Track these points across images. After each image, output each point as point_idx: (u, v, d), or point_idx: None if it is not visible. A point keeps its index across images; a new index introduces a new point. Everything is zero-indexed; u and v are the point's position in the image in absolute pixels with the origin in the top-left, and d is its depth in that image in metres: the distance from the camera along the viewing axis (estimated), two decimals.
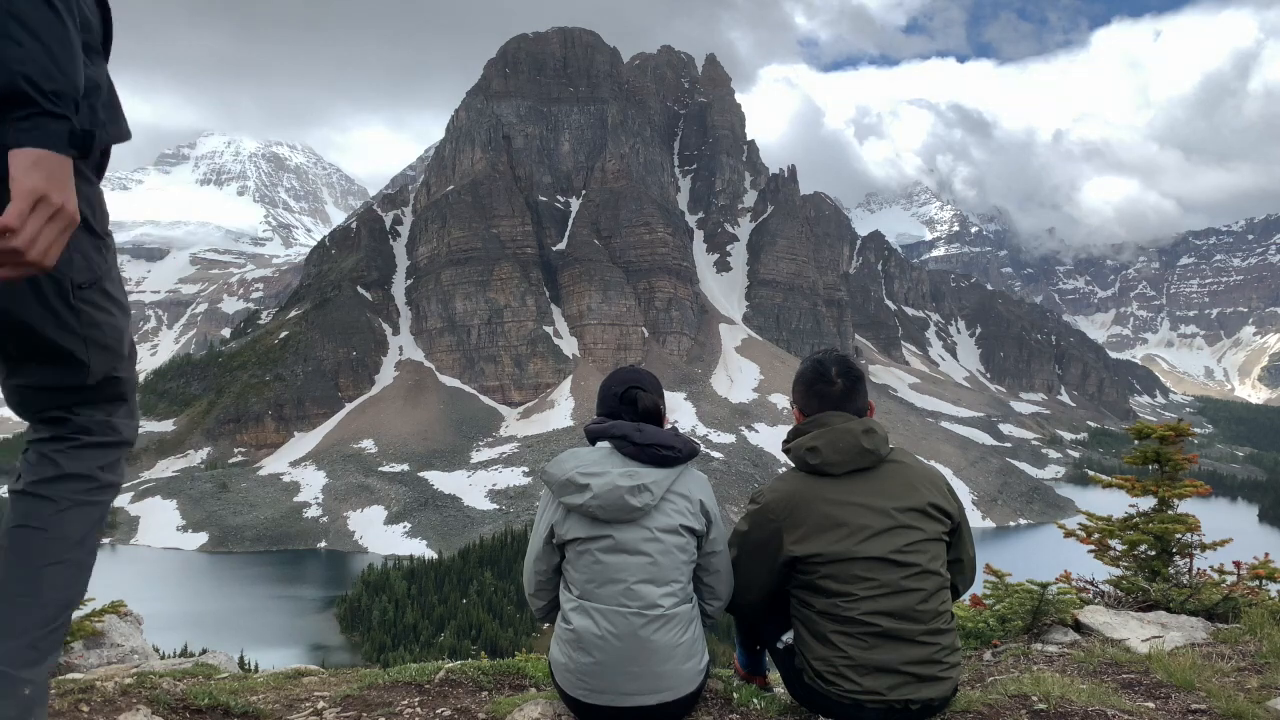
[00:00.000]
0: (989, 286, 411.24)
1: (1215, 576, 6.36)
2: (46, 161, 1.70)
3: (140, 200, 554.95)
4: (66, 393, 2.22)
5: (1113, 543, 6.84)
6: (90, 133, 1.85)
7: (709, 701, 4.00)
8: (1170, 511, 6.73)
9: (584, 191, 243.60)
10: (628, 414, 3.88)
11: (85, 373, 2.21)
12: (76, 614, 6.61)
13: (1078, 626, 5.48)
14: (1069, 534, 7.19)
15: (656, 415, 3.91)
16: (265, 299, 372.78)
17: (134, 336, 2.44)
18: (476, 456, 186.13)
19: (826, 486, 3.73)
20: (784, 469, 4.08)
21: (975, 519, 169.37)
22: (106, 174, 2.26)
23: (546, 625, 3.97)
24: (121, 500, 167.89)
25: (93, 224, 2.15)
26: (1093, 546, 6.94)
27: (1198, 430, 57.78)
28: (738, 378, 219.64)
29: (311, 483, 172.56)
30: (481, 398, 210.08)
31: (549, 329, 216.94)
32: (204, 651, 8.20)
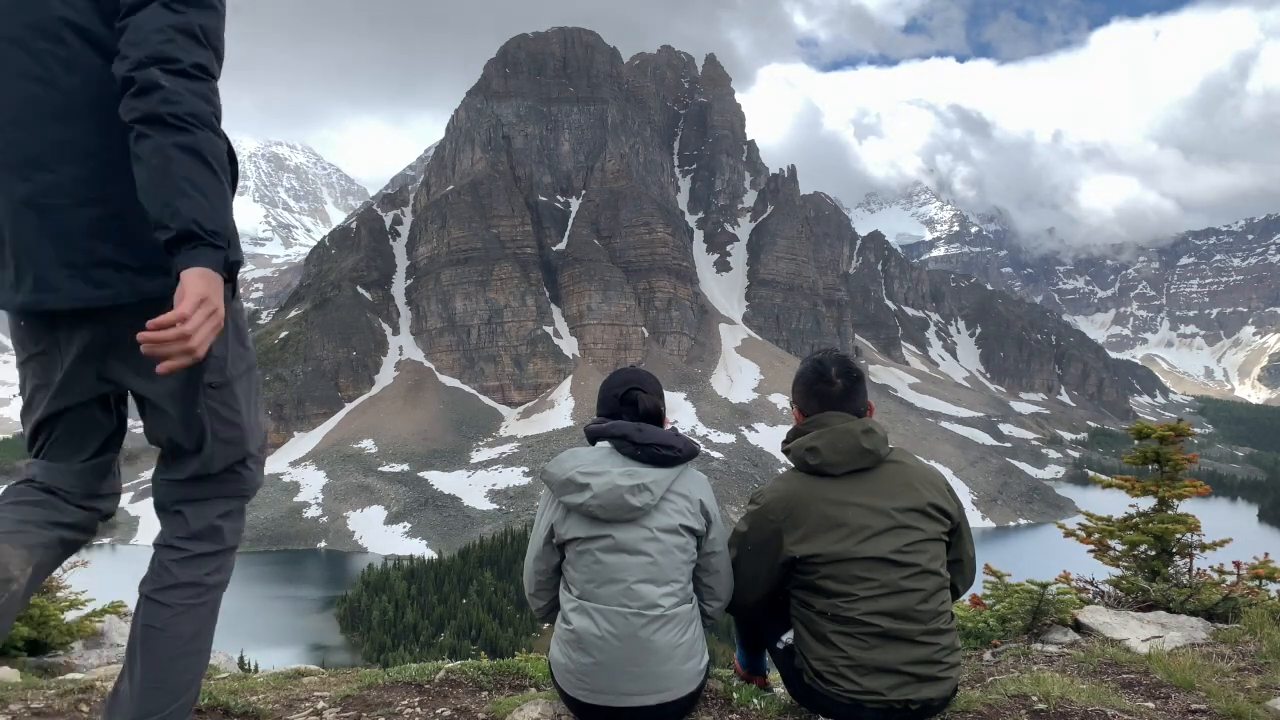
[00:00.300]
0: (989, 286, 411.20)
1: (1215, 576, 6.35)
2: (208, 275, 2.20)
3: None
4: (195, 483, 2.68)
5: (1113, 543, 6.84)
6: (239, 261, 2.34)
7: (709, 701, 4.00)
8: (1170, 511, 6.73)
9: (584, 191, 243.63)
10: (628, 415, 3.88)
11: (209, 462, 2.66)
12: (75, 614, 6.64)
13: (1078, 626, 5.48)
14: (1069, 534, 7.19)
15: (657, 416, 3.91)
16: (265, 299, 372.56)
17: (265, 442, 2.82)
18: (476, 456, 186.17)
19: (826, 487, 3.73)
20: (784, 469, 4.08)
21: (975, 519, 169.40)
22: None
23: (546, 625, 3.97)
24: (121, 500, 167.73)
25: (242, 335, 2.65)
26: (1093, 546, 6.94)
27: (1198, 430, 57.71)
28: (738, 378, 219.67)
29: (311, 483, 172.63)
30: (481, 398, 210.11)
31: (549, 329, 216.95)
32: None
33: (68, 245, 2.34)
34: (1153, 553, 6.63)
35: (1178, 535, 6.57)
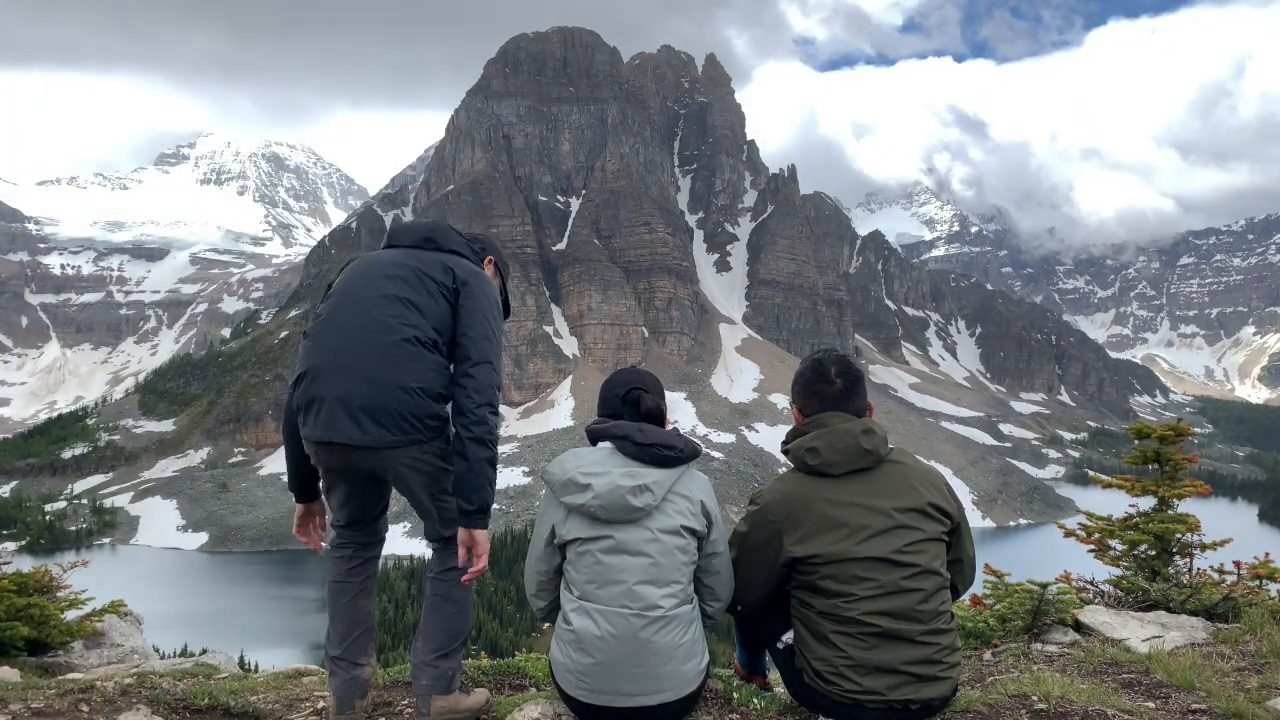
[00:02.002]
0: (989, 286, 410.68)
1: (1215, 576, 6.34)
2: (483, 534, 3.70)
3: (140, 200, 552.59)
4: (445, 537, 4.01)
5: (1113, 543, 6.83)
6: (490, 511, 3.74)
7: (709, 701, 4.01)
8: (1170, 511, 6.72)
9: (584, 191, 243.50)
10: (630, 415, 3.89)
11: (448, 528, 3.96)
12: (75, 614, 6.65)
13: (1078, 626, 5.48)
14: (1069, 534, 7.18)
15: (659, 416, 3.91)
16: (265, 299, 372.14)
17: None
18: None
19: (826, 487, 3.73)
20: (784, 469, 4.08)
21: (975, 519, 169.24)
22: (107, 174, 3.87)
23: (547, 625, 3.98)
24: (121, 500, 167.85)
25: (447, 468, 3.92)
26: (1093, 546, 6.93)
27: (1198, 430, 57.61)
28: (738, 378, 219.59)
29: None
30: None
31: (549, 329, 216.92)
32: (204, 651, 8.20)
33: (390, 421, 3.70)
34: (1153, 552, 6.62)
35: (1178, 535, 6.56)
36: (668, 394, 4.18)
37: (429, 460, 3.78)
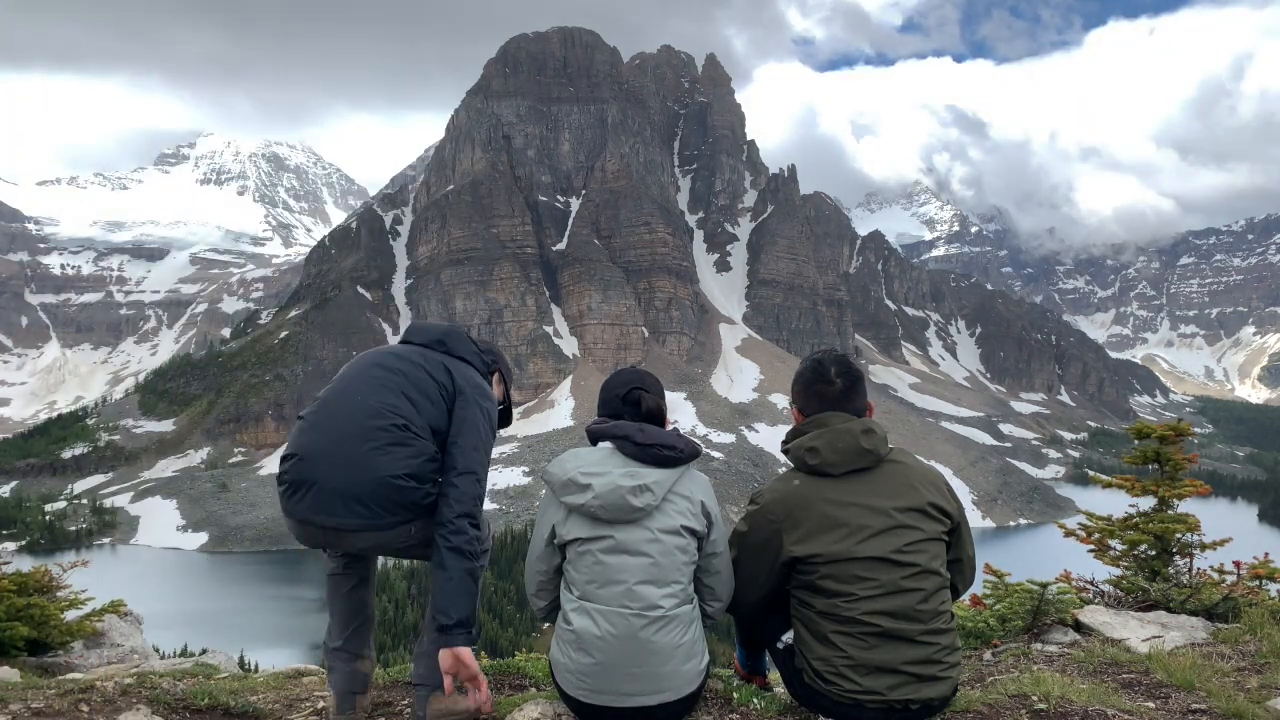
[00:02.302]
0: (989, 286, 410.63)
1: (1215, 576, 6.34)
2: (467, 651, 3.66)
3: (140, 200, 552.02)
4: None
5: (1113, 543, 6.83)
6: (473, 627, 3.72)
7: (709, 701, 4.01)
8: (1170, 511, 6.72)
9: (584, 191, 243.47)
10: (630, 415, 3.89)
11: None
12: (75, 613, 6.66)
13: (1078, 626, 5.48)
14: (1069, 534, 7.18)
15: (659, 416, 3.92)
16: (265, 299, 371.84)
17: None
18: None
19: (826, 487, 3.73)
20: (784, 469, 4.08)
21: (975, 519, 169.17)
22: (106, 174, 3.53)
23: (547, 625, 3.97)
24: (121, 500, 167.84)
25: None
26: (1093, 546, 6.93)
27: (1198, 430, 57.59)
28: (738, 378, 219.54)
29: None
30: None
31: (549, 329, 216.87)
32: (204, 651, 8.19)
33: (380, 507, 3.64)
34: (1153, 552, 6.62)
35: (1178, 535, 6.56)
36: (668, 394, 4.18)
37: (421, 534, 3.75)
